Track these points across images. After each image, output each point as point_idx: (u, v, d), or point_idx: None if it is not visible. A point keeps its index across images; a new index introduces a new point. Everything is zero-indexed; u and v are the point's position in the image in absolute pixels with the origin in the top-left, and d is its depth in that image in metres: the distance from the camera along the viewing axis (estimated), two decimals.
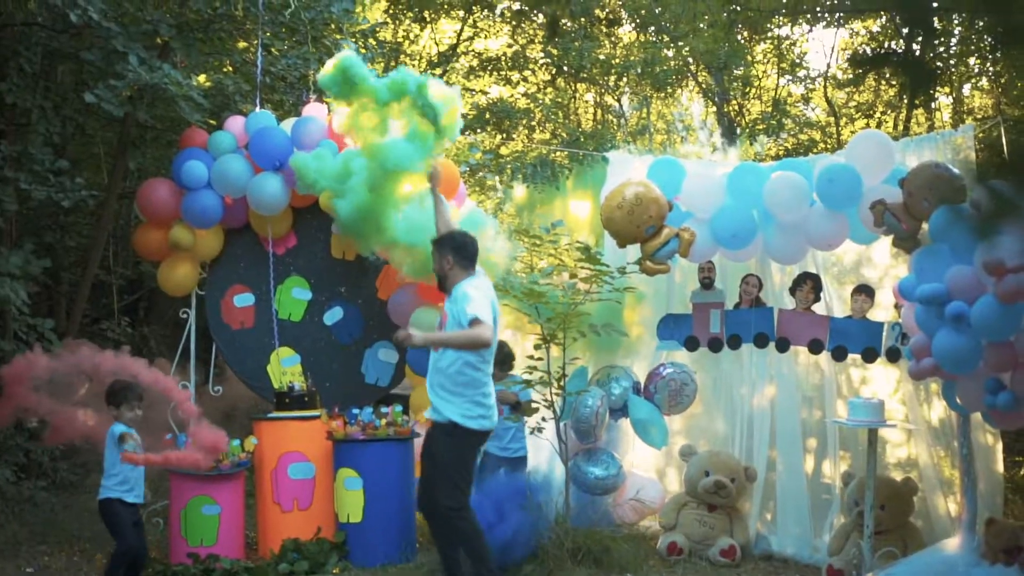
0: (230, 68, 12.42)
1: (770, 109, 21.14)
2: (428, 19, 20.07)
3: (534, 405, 9.60)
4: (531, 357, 9.59)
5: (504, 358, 9.58)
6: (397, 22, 19.67)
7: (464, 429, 7.75)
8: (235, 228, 10.34)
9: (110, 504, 8.05)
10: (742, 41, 20.20)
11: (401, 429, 9.51)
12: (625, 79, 21.22)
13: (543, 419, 9.57)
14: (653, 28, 20.81)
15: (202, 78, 11.67)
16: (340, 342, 10.41)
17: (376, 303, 10.31)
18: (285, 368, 10.27)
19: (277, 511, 9.40)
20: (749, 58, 20.67)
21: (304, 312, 10.41)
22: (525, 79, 21.32)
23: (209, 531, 9.24)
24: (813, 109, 22.21)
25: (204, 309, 10.47)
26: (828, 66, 21.22)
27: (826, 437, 10.12)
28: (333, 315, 10.40)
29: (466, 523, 7.73)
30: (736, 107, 21.52)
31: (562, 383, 9.43)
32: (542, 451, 9.99)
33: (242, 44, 12.12)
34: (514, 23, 20.75)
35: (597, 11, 20.18)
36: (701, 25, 19.25)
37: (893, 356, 9.70)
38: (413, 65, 19.00)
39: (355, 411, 9.75)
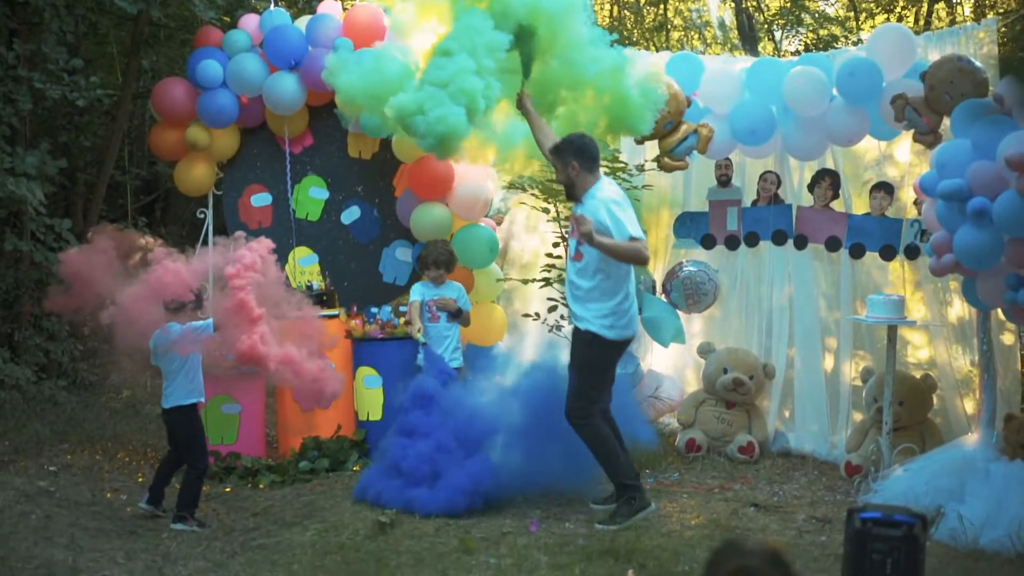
0: None
1: (788, 4, 20.91)
2: None
3: (552, 303, 9.58)
4: (549, 255, 9.57)
5: (449, 259, 9.32)
6: None
7: (603, 339, 7.59)
8: (251, 127, 10.27)
9: (194, 413, 8.00)
10: None
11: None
12: None
13: (561, 317, 9.58)
14: None
15: None
16: (358, 241, 10.38)
17: (393, 202, 10.26)
18: (303, 267, 10.26)
19: (297, 410, 9.41)
20: None
21: (321, 211, 10.37)
22: None
23: (230, 430, 9.34)
24: (832, 4, 21.96)
25: (221, 209, 10.45)
26: None
27: (845, 334, 10.10)
28: (350, 214, 10.37)
29: (591, 430, 7.61)
30: (755, 2, 21.27)
31: None
32: (562, 350, 9.98)
33: None
34: None
35: None
36: None
37: (912, 253, 9.67)
38: None
39: (373, 310, 9.78)
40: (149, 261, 7.73)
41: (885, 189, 9.78)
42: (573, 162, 7.65)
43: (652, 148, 9.97)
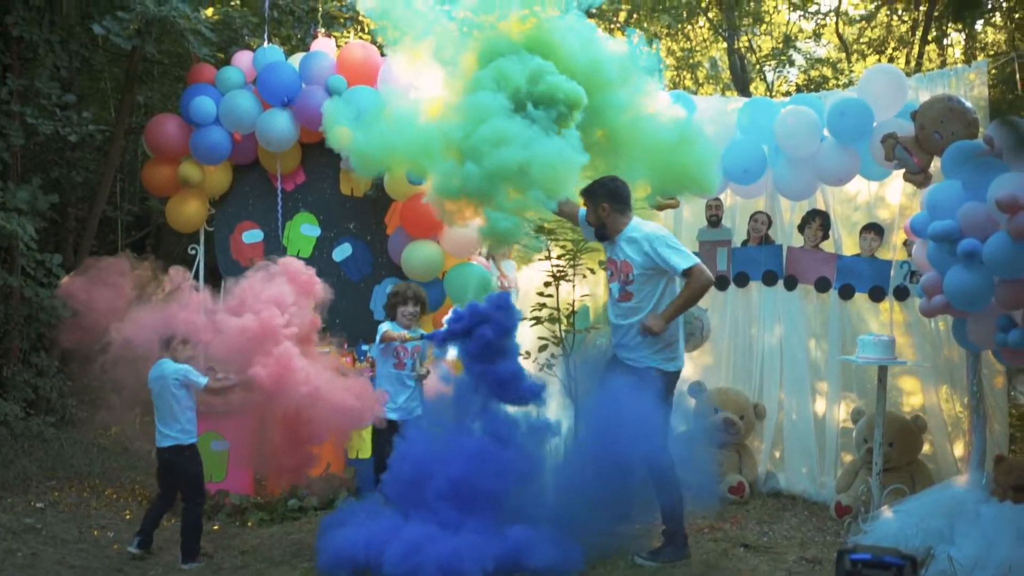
0: (237, 1, 12.31)
1: (781, 45, 21.00)
2: None
3: (543, 342, 9.56)
4: (540, 294, 9.56)
5: (426, 300, 8.95)
6: None
7: (666, 372, 7.64)
8: (244, 164, 10.30)
9: (197, 451, 7.97)
10: None
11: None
12: (635, 16, 21.04)
13: (552, 356, 9.55)
14: None
15: (209, 11, 11.55)
16: (349, 278, 10.38)
17: (385, 239, 10.27)
18: None
19: (286, 447, 9.40)
20: None
21: (313, 248, 10.37)
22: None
23: (218, 467, 9.29)
24: (824, 45, 22.07)
25: (213, 246, 10.44)
26: (840, 1, 21.03)
27: (834, 375, 10.08)
28: (342, 251, 10.37)
29: (674, 474, 7.57)
30: (747, 43, 21.36)
31: (571, 320, 9.40)
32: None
33: None
34: None
35: None
36: None
37: (901, 295, 9.67)
38: None
39: (364, 347, 9.75)
40: (167, 288, 7.81)
41: (875, 230, 9.79)
42: (604, 204, 7.74)
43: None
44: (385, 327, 8.61)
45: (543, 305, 9.38)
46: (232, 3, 12.32)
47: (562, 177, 7.67)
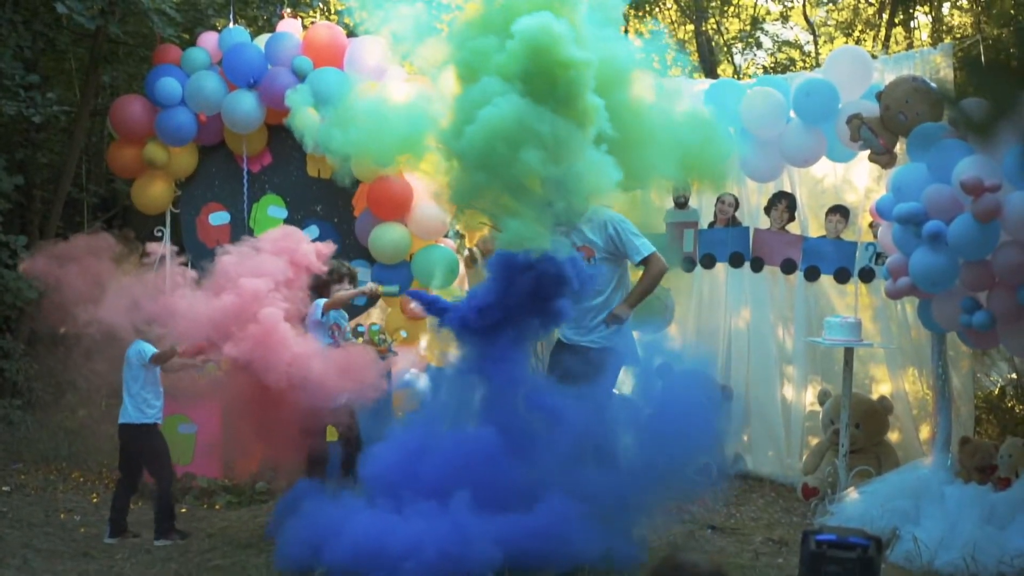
0: None
1: (748, 28, 21.02)
2: None
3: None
4: None
5: (357, 278, 8.80)
6: None
7: (620, 353, 7.78)
8: (210, 146, 10.24)
9: (156, 431, 7.96)
10: None
11: (378, 348, 9.46)
12: None
13: None
14: None
15: None
16: None
17: (352, 222, 10.23)
18: None
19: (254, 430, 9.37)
20: None
21: None
22: None
23: (185, 450, 9.25)
24: (792, 28, 22.10)
25: (179, 227, 10.39)
26: None
27: (801, 358, 10.11)
28: (309, 233, 10.28)
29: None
30: (714, 25, 21.37)
31: None
32: None
33: None
34: None
35: None
36: None
37: (866, 277, 9.70)
38: None
39: None
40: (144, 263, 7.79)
41: (840, 212, 9.81)
42: None
43: None
44: (323, 301, 8.30)
45: None
46: None
47: (598, 195, 7.54)
